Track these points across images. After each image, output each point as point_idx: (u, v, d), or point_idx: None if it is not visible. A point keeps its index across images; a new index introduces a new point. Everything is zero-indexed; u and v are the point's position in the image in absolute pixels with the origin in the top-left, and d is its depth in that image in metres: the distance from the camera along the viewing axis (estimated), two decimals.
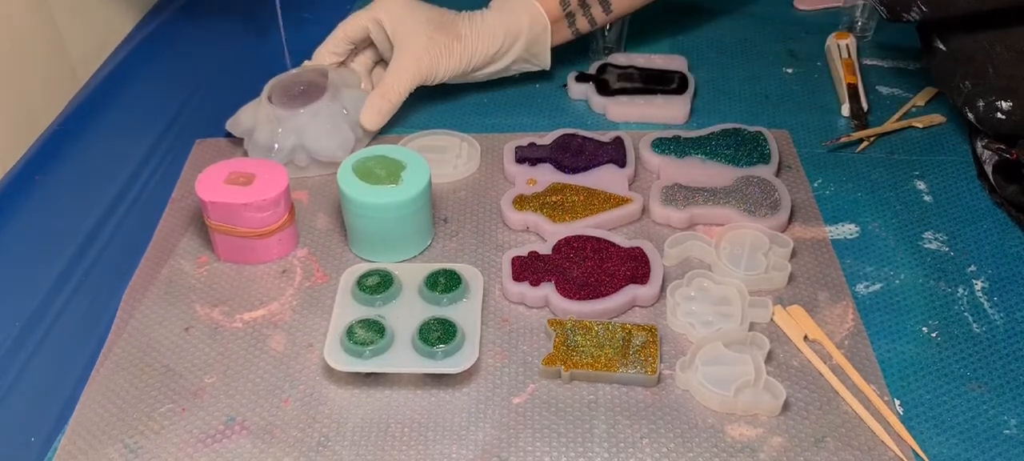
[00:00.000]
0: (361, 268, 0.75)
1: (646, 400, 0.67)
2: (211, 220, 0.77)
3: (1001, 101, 0.76)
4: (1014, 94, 0.75)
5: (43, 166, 0.89)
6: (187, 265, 0.79)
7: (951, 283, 0.76)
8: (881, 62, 1.02)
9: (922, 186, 0.85)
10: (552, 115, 0.95)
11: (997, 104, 0.77)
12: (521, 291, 0.74)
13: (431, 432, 0.65)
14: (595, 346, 0.69)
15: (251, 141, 0.87)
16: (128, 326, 0.73)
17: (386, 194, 0.75)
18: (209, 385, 0.69)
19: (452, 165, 0.87)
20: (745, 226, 0.78)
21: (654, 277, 0.74)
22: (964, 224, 0.81)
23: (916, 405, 0.66)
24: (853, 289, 0.75)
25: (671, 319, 0.72)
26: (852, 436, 0.64)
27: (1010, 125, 0.77)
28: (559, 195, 0.82)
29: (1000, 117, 0.77)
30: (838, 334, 0.71)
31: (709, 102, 0.97)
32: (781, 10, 1.13)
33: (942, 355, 0.70)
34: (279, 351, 0.71)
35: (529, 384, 0.68)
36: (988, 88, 0.77)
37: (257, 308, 0.75)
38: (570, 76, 0.98)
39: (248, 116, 0.88)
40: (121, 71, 1.02)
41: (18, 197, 0.85)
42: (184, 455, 0.64)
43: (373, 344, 0.67)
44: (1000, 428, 0.65)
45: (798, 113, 0.95)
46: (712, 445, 0.64)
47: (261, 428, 0.66)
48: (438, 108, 0.97)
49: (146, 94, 1.00)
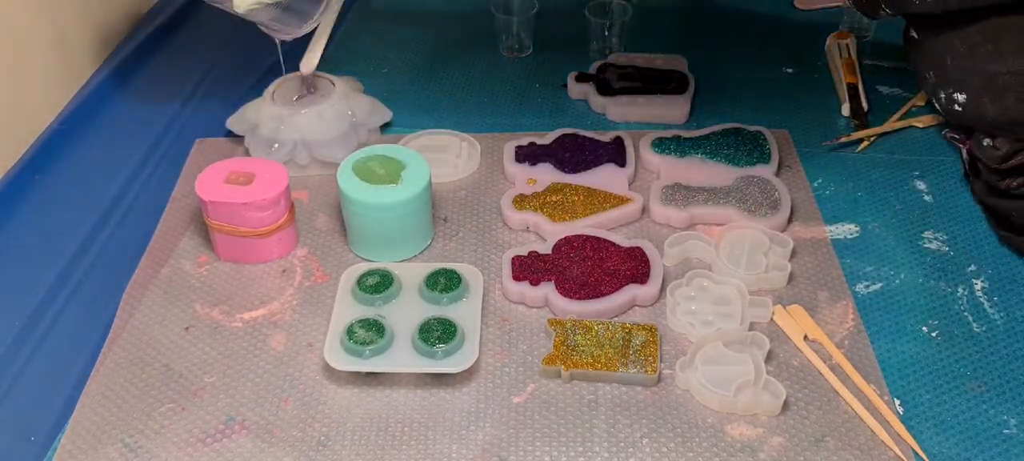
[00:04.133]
0: (361, 268, 0.75)
1: (646, 400, 0.67)
2: (211, 220, 0.77)
3: (957, 93, 0.77)
4: (967, 87, 0.76)
5: (43, 166, 0.89)
6: (187, 265, 0.79)
7: (951, 283, 0.76)
8: (881, 62, 1.02)
9: (922, 186, 0.85)
10: (552, 115, 0.95)
11: (954, 96, 0.77)
12: (521, 291, 0.74)
13: (431, 432, 0.65)
14: (595, 346, 0.69)
15: (253, 138, 0.87)
16: (128, 326, 0.73)
17: (386, 194, 0.75)
18: (209, 385, 0.69)
19: (452, 165, 0.87)
20: (745, 226, 0.78)
21: (654, 277, 0.74)
22: (964, 224, 0.81)
23: (916, 405, 0.66)
24: (853, 289, 0.75)
25: (671, 319, 0.72)
26: (852, 436, 0.64)
27: (967, 118, 0.78)
28: (559, 195, 0.82)
29: (957, 109, 0.78)
30: (838, 334, 0.71)
31: (709, 102, 0.97)
32: (781, 10, 1.13)
33: (942, 355, 0.70)
34: (279, 351, 0.71)
35: (529, 384, 0.68)
36: (947, 80, 0.78)
37: (257, 308, 0.75)
38: (570, 76, 0.98)
39: (251, 113, 0.89)
40: (121, 71, 1.02)
41: (18, 197, 0.85)
42: (184, 455, 0.64)
43: (373, 344, 0.67)
44: (1000, 428, 0.65)
45: (798, 113, 0.95)
46: (712, 445, 0.64)
47: (261, 428, 0.66)
48: (438, 108, 0.97)
49: (146, 94, 1.00)
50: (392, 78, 1.02)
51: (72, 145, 0.92)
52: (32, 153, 0.89)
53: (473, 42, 1.06)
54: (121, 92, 0.99)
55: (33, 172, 0.88)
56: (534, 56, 1.05)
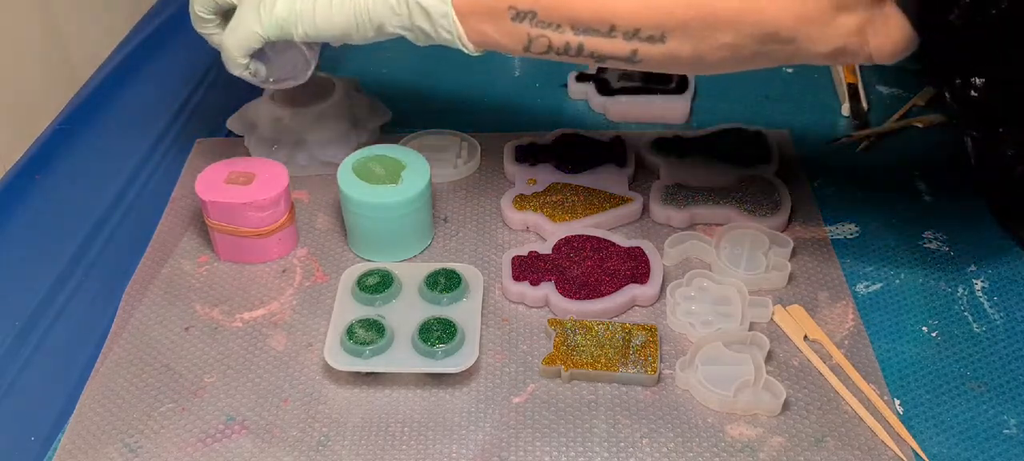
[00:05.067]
0: (361, 268, 0.75)
1: (646, 400, 0.67)
2: (211, 220, 0.77)
3: (974, 77, 0.76)
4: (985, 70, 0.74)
5: (43, 166, 0.89)
6: (187, 265, 0.79)
7: (951, 283, 0.76)
8: None
9: (922, 186, 0.85)
10: (552, 115, 0.95)
11: (971, 80, 0.76)
12: (521, 291, 0.74)
13: (431, 432, 0.65)
14: (595, 346, 0.69)
15: (252, 138, 0.87)
16: (128, 326, 0.73)
17: (386, 194, 0.75)
18: (209, 385, 0.69)
19: (452, 165, 0.87)
20: (745, 226, 0.78)
21: (654, 277, 0.74)
22: (964, 224, 0.81)
23: (916, 405, 0.66)
24: (853, 289, 0.75)
25: (671, 319, 0.72)
26: (852, 436, 0.64)
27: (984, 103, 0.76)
28: (559, 195, 0.82)
29: (974, 94, 0.77)
30: (838, 334, 0.71)
31: (709, 102, 0.97)
32: None
33: (942, 355, 0.70)
34: (279, 351, 0.71)
35: (529, 384, 0.68)
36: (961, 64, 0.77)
37: (257, 308, 0.75)
38: (570, 76, 0.98)
39: (251, 113, 0.89)
40: (121, 71, 1.01)
41: (18, 197, 0.85)
42: (184, 455, 0.64)
43: (373, 344, 0.67)
44: (1000, 428, 0.65)
45: (798, 113, 0.95)
46: (712, 445, 0.64)
47: (261, 428, 0.66)
48: (438, 108, 0.96)
49: (146, 94, 1.00)
50: (392, 78, 1.02)
51: (72, 145, 0.92)
52: (32, 153, 0.89)
53: None
54: (121, 92, 0.99)
55: (33, 172, 0.88)
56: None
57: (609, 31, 0.64)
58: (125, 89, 1.00)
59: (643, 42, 0.64)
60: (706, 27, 0.62)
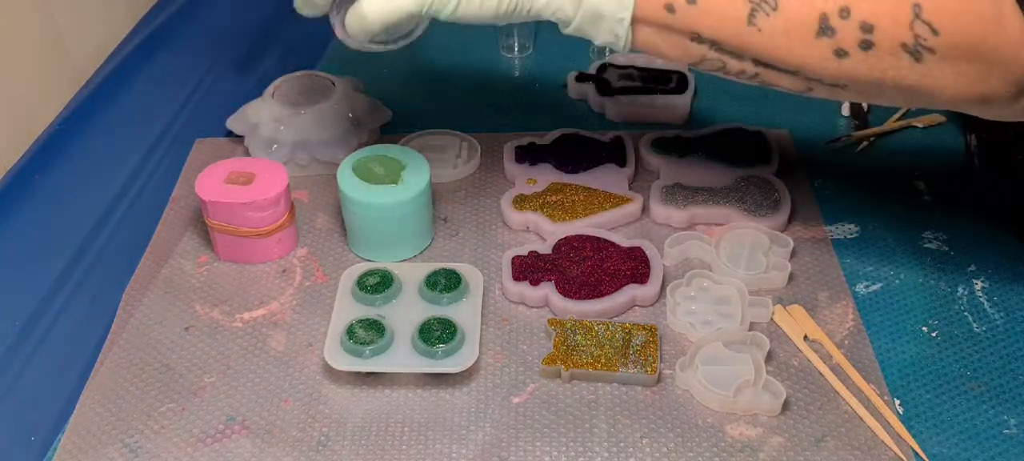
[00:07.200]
0: (361, 268, 0.75)
1: (646, 400, 0.67)
2: (211, 220, 0.77)
3: None
4: None
5: (43, 166, 0.89)
6: (187, 265, 0.79)
7: (951, 283, 0.76)
8: None
9: (922, 186, 0.85)
10: (552, 115, 0.95)
11: None
12: (521, 291, 0.74)
13: (431, 432, 0.65)
14: (595, 346, 0.69)
15: (253, 137, 0.87)
16: (128, 326, 0.73)
17: (386, 194, 0.75)
18: (209, 385, 0.69)
19: (452, 165, 0.87)
20: (745, 226, 0.78)
21: (654, 277, 0.74)
22: (964, 224, 0.81)
23: (916, 405, 0.66)
24: (853, 289, 0.75)
25: (671, 319, 0.72)
26: (852, 436, 0.64)
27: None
28: (559, 195, 0.82)
29: None
30: (838, 334, 0.71)
31: (709, 102, 0.97)
32: None
33: (942, 355, 0.70)
34: (279, 351, 0.71)
35: (529, 384, 0.68)
36: None
37: (257, 308, 0.75)
38: (570, 76, 0.98)
39: (251, 113, 0.89)
40: (121, 71, 1.02)
41: (18, 197, 0.85)
42: (184, 455, 0.64)
43: (373, 344, 0.67)
44: (1000, 428, 0.65)
45: (798, 113, 0.95)
46: (712, 445, 0.64)
47: (261, 428, 0.66)
48: (438, 108, 0.96)
49: (146, 94, 1.00)
50: (392, 78, 1.02)
51: (72, 145, 0.92)
52: (32, 153, 0.89)
53: (473, 42, 1.06)
54: (121, 92, 0.99)
55: (33, 172, 0.88)
56: (534, 56, 1.05)
57: (793, 72, 0.63)
58: (125, 89, 1.00)
59: (822, 86, 0.64)
60: (879, 91, 0.63)
